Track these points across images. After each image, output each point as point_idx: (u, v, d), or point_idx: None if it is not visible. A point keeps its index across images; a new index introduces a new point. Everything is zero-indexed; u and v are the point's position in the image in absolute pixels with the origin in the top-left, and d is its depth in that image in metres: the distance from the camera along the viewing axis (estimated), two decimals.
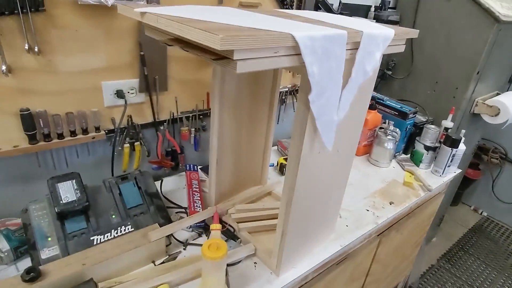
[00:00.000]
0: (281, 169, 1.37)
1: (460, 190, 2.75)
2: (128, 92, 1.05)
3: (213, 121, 0.95)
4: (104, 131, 1.04)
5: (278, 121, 1.57)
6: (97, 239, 0.86)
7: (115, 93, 1.02)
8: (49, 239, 0.82)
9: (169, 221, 0.97)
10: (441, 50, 1.60)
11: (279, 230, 0.83)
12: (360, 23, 0.79)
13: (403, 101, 1.67)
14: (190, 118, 1.23)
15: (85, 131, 1.00)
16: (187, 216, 1.06)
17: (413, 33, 0.85)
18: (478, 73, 1.53)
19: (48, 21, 0.84)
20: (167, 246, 0.95)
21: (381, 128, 1.53)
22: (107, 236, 0.87)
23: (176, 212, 1.09)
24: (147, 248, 0.87)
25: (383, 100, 1.60)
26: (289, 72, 1.47)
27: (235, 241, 0.99)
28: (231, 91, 0.94)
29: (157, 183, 1.17)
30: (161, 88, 1.11)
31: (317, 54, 0.56)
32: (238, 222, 1.02)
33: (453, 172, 1.54)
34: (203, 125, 1.27)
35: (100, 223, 0.89)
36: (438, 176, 1.50)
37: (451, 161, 1.46)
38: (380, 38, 0.71)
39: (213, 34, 0.43)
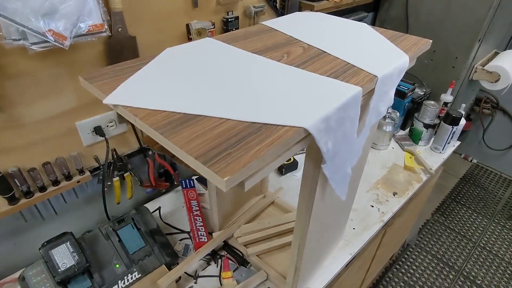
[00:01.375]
0: (280, 169, 1.32)
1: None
2: (107, 126, 0.94)
3: None
4: (89, 171, 0.95)
5: None
6: None
7: (93, 131, 0.92)
8: None
9: (175, 256, 0.94)
10: (439, 17, 1.47)
11: (291, 266, 0.81)
12: (367, 46, 0.68)
13: None
14: None
15: (68, 177, 0.91)
16: (191, 240, 1.03)
17: (425, 46, 0.75)
18: (479, 40, 1.43)
19: None
20: (177, 282, 0.93)
21: None
22: None
23: (180, 240, 1.06)
24: None
25: None
26: None
27: (246, 267, 0.97)
28: None
29: (154, 204, 1.12)
30: None
31: (331, 129, 0.48)
32: (245, 245, 1.00)
33: (453, 146, 1.52)
34: None
35: (104, 277, 0.85)
36: (438, 153, 1.48)
37: (451, 138, 1.43)
38: (395, 74, 0.61)
39: (216, 175, 0.35)
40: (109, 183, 1.02)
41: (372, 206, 1.20)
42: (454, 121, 1.38)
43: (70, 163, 0.91)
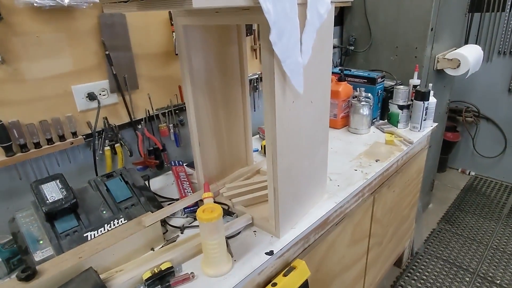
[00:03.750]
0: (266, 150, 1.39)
1: (444, 155, 2.82)
2: (100, 94, 1.06)
3: (188, 102, 0.97)
4: (82, 136, 1.04)
5: (254, 109, 1.60)
6: (91, 235, 0.84)
7: (86, 96, 1.03)
8: (41, 242, 0.80)
9: (161, 208, 0.97)
10: (394, 17, 1.69)
11: (270, 188, 0.84)
12: None
13: (370, 71, 1.74)
14: (167, 114, 1.25)
15: (62, 138, 0.99)
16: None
17: None
18: (432, 29, 1.62)
19: (8, 30, 0.85)
20: (164, 233, 0.94)
21: (354, 97, 1.58)
22: (101, 231, 0.86)
23: (168, 204, 1.08)
24: (143, 234, 0.86)
25: (350, 71, 1.66)
26: (256, 58, 1.52)
27: (232, 216, 0.99)
28: (200, 69, 0.97)
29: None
30: (132, 87, 1.13)
31: None
32: (231, 199, 1.03)
33: (430, 126, 1.60)
34: (181, 119, 1.28)
35: (91, 220, 0.87)
36: (417, 132, 1.55)
37: (425, 115, 1.52)
38: None
39: None
40: (100, 152, 1.09)
41: (356, 170, 1.24)
42: (424, 96, 1.49)
43: (65, 125, 1.00)
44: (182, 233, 0.95)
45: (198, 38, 0.94)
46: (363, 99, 1.53)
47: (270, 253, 0.85)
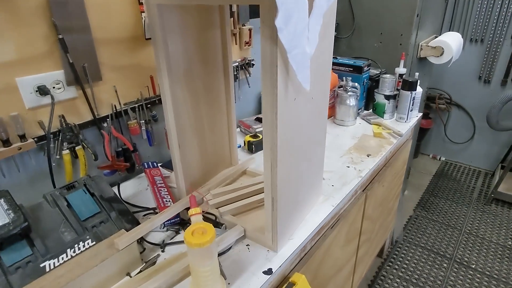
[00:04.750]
0: (250, 147, 1.27)
1: (418, 141, 2.86)
2: (54, 87, 0.87)
3: (165, 96, 0.82)
4: (33, 139, 0.85)
5: (235, 100, 1.46)
6: (49, 265, 0.68)
7: (36, 91, 0.84)
8: None
9: (137, 224, 0.82)
10: (379, 1, 1.60)
11: (268, 198, 0.73)
12: None
13: (354, 58, 1.65)
14: (137, 109, 1.08)
15: (6, 143, 0.80)
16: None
17: None
18: (418, 15, 1.55)
19: None
20: (141, 253, 0.80)
21: (340, 87, 1.49)
22: (63, 259, 0.70)
23: (144, 215, 0.94)
24: (116, 259, 0.71)
25: (336, 59, 1.56)
26: (235, 43, 1.37)
27: (220, 228, 0.86)
28: (178, 56, 0.81)
29: (114, 190, 1.00)
30: (93, 78, 0.95)
31: None
32: (218, 208, 0.90)
33: (416, 116, 1.55)
34: (153, 114, 1.12)
35: (49, 245, 0.71)
36: (404, 123, 1.49)
37: (412, 105, 1.47)
38: None
39: None
40: (57, 156, 0.91)
41: (348, 167, 1.16)
42: (412, 86, 1.42)
43: (10, 127, 0.81)
44: (163, 251, 0.82)
45: (175, 20, 0.78)
46: (350, 89, 1.44)
47: (269, 271, 0.74)
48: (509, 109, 2.39)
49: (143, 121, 1.09)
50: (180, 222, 0.89)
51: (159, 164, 1.17)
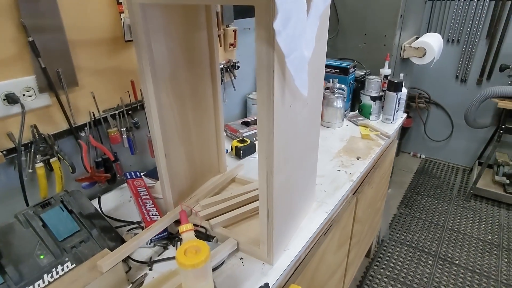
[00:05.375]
0: (237, 152, 1.22)
1: (399, 140, 2.91)
2: (24, 95, 0.79)
3: (149, 103, 0.76)
4: (2, 152, 0.77)
5: None
6: None
7: (4, 99, 0.76)
8: None
9: (121, 241, 0.76)
10: (364, 2, 1.60)
11: (263, 209, 0.68)
12: None
13: (339, 59, 1.64)
14: (117, 116, 1.01)
15: None
16: (142, 228, 0.85)
17: None
18: (401, 17, 1.56)
19: None
20: (126, 272, 0.74)
21: (326, 88, 1.47)
22: (39, 285, 0.63)
23: (128, 230, 0.87)
24: (100, 283, 0.65)
25: None
26: (220, 45, 1.32)
27: (211, 242, 0.82)
28: (163, 59, 0.76)
29: (94, 203, 0.93)
30: (69, 84, 0.87)
31: None
32: (208, 220, 0.85)
33: (401, 117, 1.56)
34: (135, 121, 1.05)
35: (23, 271, 0.64)
36: (390, 124, 1.50)
37: (398, 106, 1.47)
38: None
39: None
40: (30, 170, 0.83)
41: (339, 171, 1.14)
42: (397, 87, 1.43)
43: None
44: (150, 269, 0.76)
45: (159, 21, 0.73)
46: (337, 91, 1.43)
47: (265, 287, 0.70)
48: (486, 107, 2.46)
49: (124, 129, 1.02)
50: (168, 237, 0.83)
51: (142, 174, 1.10)
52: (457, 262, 1.93)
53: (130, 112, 1.03)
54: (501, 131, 2.14)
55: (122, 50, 0.98)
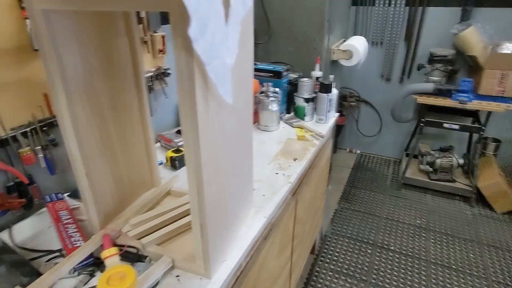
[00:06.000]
0: (173, 163, 1.17)
1: (334, 137, 3.06)
2: None
3: (62, 119, 0.69)
4: None
5: (152, 113, 1.34)
6: None
7: None
8: None
9: (37, 275, 0.67)
10: (290, 6, 1.65)
11: (196, 224, 0.66)
12: None
13: (272, 63, 1.67)
14: (29, 134, 0.90)
15: None
16: (64, 256, 0.77)
17: None
18: (328, 20, 1.64)
19: None
20: None
21: (261, 92, 1.49)
22: None
23: (48, 261, 0.78)
24: None
25: (256, 65, 1.56)
26: (148, 52, 1.25)
27: (144, 262, 0.76)
28: (75, 70, 0.69)
29: (4, 235, 0.82)
30: None
31: None
32: (140, 239, 0.80)
33: (333, 116, 1.63)
34: (51, 138, 0.95)
35: None
36: (323, 124, 1.56)
37: (329, 106, 1.54)
38: None
39: None
40: None
41: (277, 173, 1.15)
42: (327, 89, 1.49)
43: None
44: None
45: (69, 27, 0.66)
46: (271, 95, 1.45)
47: None
48: (408, 103, 2.71)
49: (39, 147, 0.92)
50: (95, 262, 0.76)
51: (66, 194, 1.00)
52: (392, 248, 2.08)
53: (44, 128, 0.93)
54: (422, 124, 2.36)
55: (31, 61, 0.88)
